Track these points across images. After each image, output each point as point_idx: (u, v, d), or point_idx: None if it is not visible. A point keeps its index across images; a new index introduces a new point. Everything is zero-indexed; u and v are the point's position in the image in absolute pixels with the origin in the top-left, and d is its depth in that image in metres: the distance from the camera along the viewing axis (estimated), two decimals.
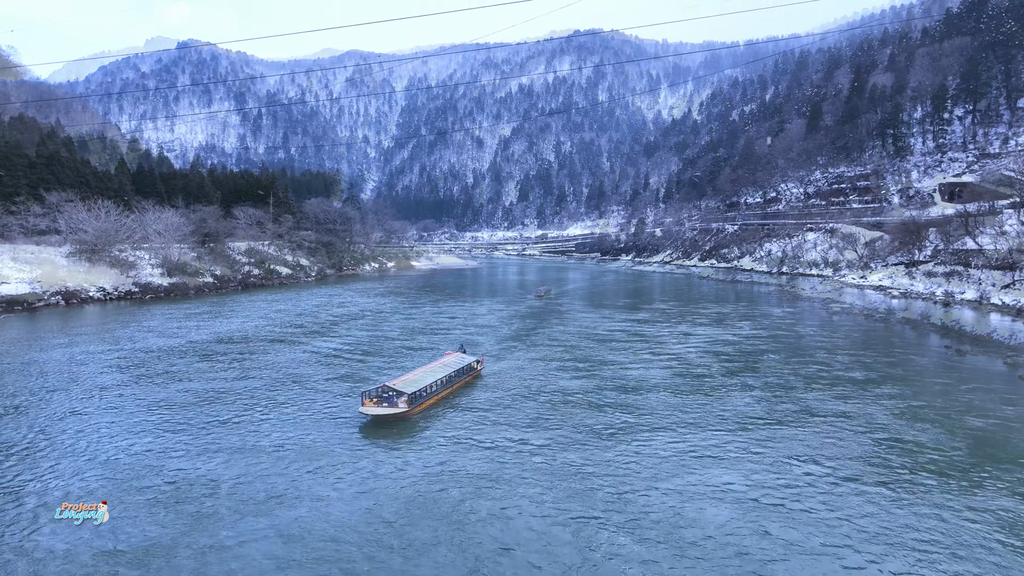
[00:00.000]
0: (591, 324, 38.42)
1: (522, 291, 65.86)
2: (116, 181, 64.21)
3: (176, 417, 18.00)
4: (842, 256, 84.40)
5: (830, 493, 12.81)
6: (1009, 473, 13.93)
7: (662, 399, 20.36)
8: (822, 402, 19.90)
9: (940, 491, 12.96)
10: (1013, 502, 12.41)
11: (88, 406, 19.13)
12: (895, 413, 18.60)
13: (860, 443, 15.93)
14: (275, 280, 64.26)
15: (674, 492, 12.85)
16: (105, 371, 23.91)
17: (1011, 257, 45.39)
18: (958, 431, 16.93)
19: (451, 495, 12.51)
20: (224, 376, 23.37)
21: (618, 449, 15.44)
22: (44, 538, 10.59)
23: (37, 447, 15.46)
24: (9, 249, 45.47)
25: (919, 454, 15.15)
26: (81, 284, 43.64)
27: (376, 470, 13.89)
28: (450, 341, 29.73)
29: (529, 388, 21.56)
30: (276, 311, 43.93)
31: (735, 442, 15.98)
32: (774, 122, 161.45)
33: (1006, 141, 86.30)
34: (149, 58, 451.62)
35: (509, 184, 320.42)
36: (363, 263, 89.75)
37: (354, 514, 11.67)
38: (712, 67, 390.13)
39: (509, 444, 15.65)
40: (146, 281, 48.54)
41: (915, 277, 59.06)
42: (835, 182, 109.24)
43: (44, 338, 31.50)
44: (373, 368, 25.12)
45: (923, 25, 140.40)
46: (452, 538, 10.82)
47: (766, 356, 27.93)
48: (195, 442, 15.74)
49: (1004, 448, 15.70)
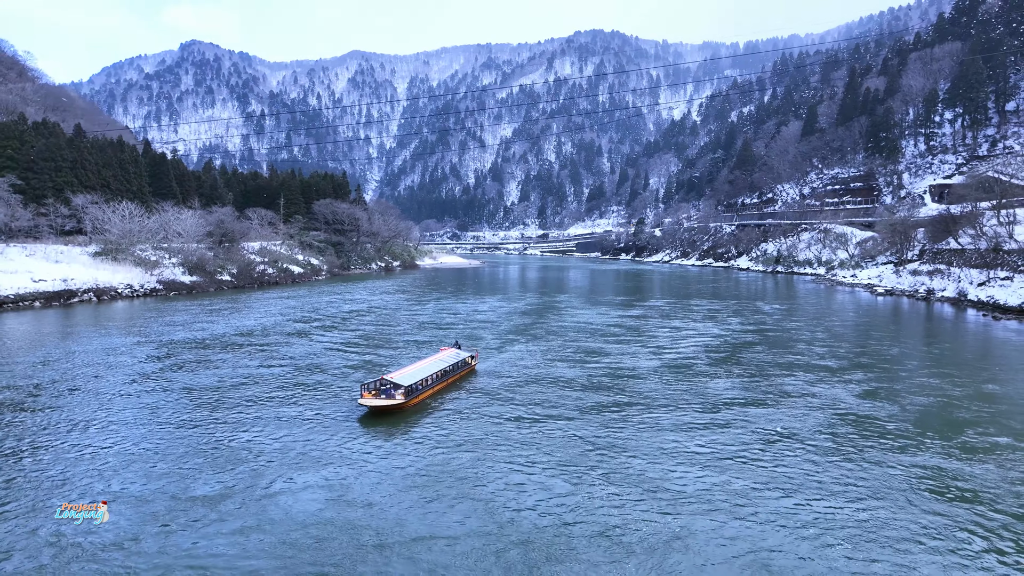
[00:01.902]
0: (589, 319, 41.03)
1: (523, 289, 68.48)
2: (135, 183, 66.88)
3: (205, 398, 20.56)
4: (835, 255, 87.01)
5: (782, 452, 15.43)
6: (940, 437, 16.53)
7: (650, 383, 22.97)
8: (794, 385, 22.51)
9: (877, 450, 15.57)
10: (936, 459, 15.02)
11: (133, 389, 21.70)
12: (855, 394, 21.22)
13: (816, 416, 18.55)
14: (289, 279, 67.12)
15: (654, 452, 15.49)
16: (144, 360, 26.46)
17: (987, 256, 47.99)
18: (907, 407, 19.55)
19: (447, 467, 14.37)
20: (247, 364, 25.66)
21: (606, 423, 18.07)
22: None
23: (95, 421, 18.12)
24: (41, 249, 48.27)
25: (865, 423, 17.77)
26: (110, 281, 46.41)
27: (376, 452, 15.41)
28: (454, 336, 31.52)
29: (521, 380, 23.11)
30: (291, 307, 46.56)
31: (713, 416, 18.63)
32: (772, 124, 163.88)
33: (994, 144, 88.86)
34: (152, 59, 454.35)
35: (510, 184, 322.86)
36: (370, 262, 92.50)
37: (355, 487, 13.77)
38: (712, 68, 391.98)
39: (496, 428, 17.45)
40: (170, 279, 51.39)
41: (902, 275, 61.64)
42: (830, 183, 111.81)
43: (84, 331, 34.14)
44: (385, 358, 27.30)
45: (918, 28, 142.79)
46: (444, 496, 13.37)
47: (751, 347, 30.55)
48: (223, 420, 18.20)
49: (941, 419, 18.33)
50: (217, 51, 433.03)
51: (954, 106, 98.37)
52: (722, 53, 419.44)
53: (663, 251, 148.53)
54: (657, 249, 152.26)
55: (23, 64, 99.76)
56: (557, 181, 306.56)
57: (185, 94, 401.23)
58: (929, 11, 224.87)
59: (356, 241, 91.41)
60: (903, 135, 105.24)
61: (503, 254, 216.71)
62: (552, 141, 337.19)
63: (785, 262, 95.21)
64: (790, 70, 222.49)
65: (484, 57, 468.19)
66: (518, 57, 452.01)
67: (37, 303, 41.03)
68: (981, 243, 50.66)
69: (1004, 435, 16.73)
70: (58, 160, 58.84)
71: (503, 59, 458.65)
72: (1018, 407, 19.89)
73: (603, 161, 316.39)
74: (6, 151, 56.51)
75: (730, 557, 10.39)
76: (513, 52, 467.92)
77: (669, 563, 10.18)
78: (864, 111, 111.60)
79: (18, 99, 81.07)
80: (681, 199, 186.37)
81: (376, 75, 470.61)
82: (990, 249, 48.31)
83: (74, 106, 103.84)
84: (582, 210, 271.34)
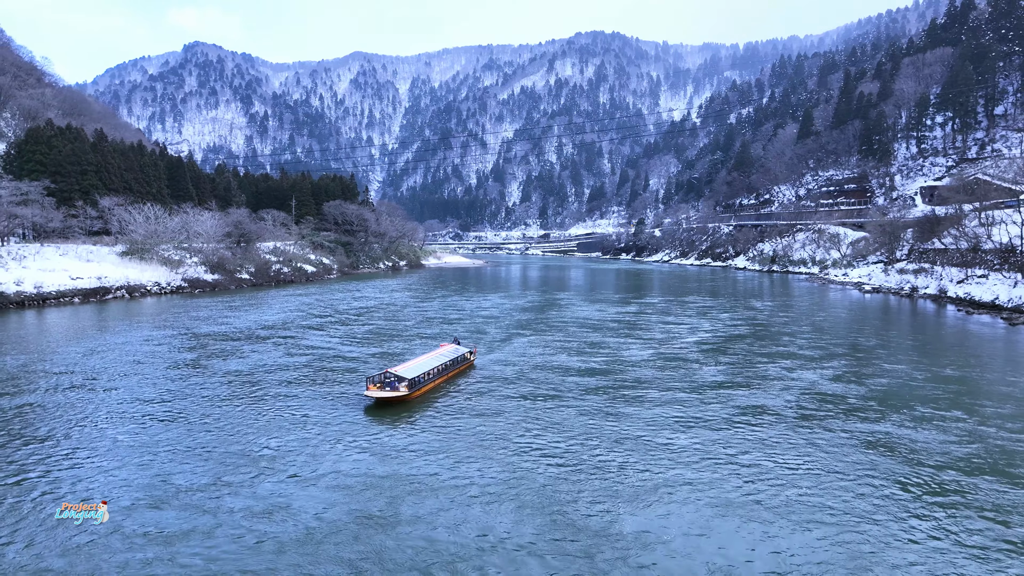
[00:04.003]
0: (588, 315, 43.83)
1: (525, 287, 71.29)
2: (155, 186, 69.77)
3: (232, 386, 23.29)
4: (828, 255, 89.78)
5: (754, 420, 18.23)
6: (894, 411, 19.31)
7: (644, 370, 25.78)
8: (774, 371, 25.30)
9: (836, 419, 18.36)
10: (888, 426, 17.78)
11: (174, 374, 24.45)
12: (827, 377, 24.00)
13: (788, 395, 21.35)
14: (303, 277, 70.15)
15: (644, 422, 18.29)
16: (180, 350, 29.22)
17: (967, 256, 50.81)
18: (872, 387, 22.35)
19: (447, 452, 16.01)
20: (273, 353, 28.13)
21: (599, 405, 20.89)
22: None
23: (144, 398, 20.94)
24: (73, 248, 51.21)
25: (831, 399, 20.56)
26: (140, 279, 49.36)
27: (382, 437, 16.96)
28: (456, 333, 33.32)
29: (519, 373, 24.84)
30: (307, 303, 49.39)
31: (699, 396, 21.46)
32: (769, 126, 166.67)
33: (983, 147, 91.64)
34: (156, 60, 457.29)
35: (512, 185, 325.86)
36: (378, 261, 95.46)
37: (362, 469, 16.07)
38: (712, 69, 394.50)
39: (493, 414, 19.32)
40: (194, 277, 54.39)
41: (890, 274, 64.43)
42: (824, 185, 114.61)
43: (123, 324, 36.96)
44: (398, 350, 29.62)
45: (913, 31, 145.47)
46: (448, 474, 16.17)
47: (741, 339, 33.36)
48: (241, 409, 20.23)
49: (898, 397, 21.12)
50: (220, 52, 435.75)
51: (945, 110, 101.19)
52: (722, 54, 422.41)
53: (663, 251, 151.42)
54: (657, 249, 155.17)
55: (41, 70, 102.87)
56: (558, 182, 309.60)
57: (189, 95, 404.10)
58: (926, 13, 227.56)
59: (364, 241, 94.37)
60: (895, 138, 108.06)
61: (505, 254, 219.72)
62: (553, 142, 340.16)
63: (781, 261, 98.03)
64: (788, 72, 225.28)
65: (485, 58, 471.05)
66: (519, 58, 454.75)
67: (76, 299, 43.99)
68: (962, 243, 53.45)
69: (952, 409, 19.46)
70: (83, 164, 61.73)
71: (504, 60, 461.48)
72: (968, 387, 22.65)
73: (604, 162, 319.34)
74: (35, 156, 59.42)
75: (697, 492, 13.22)
76: (514, 53, 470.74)
77: (653, 498, 13.00)
78: (858, 115, 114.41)
79: (39, 104, 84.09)
80: (680, 200, 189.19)
81: (378, 76, 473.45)
82: (970, 249, 51.12)
83: (90, 109, 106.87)
84: (583, 211, 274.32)
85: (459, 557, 10.42)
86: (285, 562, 10.21)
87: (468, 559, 10.37)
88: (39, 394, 20.87)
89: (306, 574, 9.86)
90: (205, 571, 10.02)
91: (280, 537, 11.01)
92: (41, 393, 20.99)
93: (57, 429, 17.14)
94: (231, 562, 10.26)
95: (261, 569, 10.04)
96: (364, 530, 11.31)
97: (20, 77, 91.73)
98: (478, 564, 10.21)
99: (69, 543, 10.72)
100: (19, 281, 40.93)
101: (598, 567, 10.13)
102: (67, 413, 18.74)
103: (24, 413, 18.67)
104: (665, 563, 10.27)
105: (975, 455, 15.29)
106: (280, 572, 9.93)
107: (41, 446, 15.76)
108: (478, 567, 10.12)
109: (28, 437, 16.41)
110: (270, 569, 10.02)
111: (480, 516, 11.98)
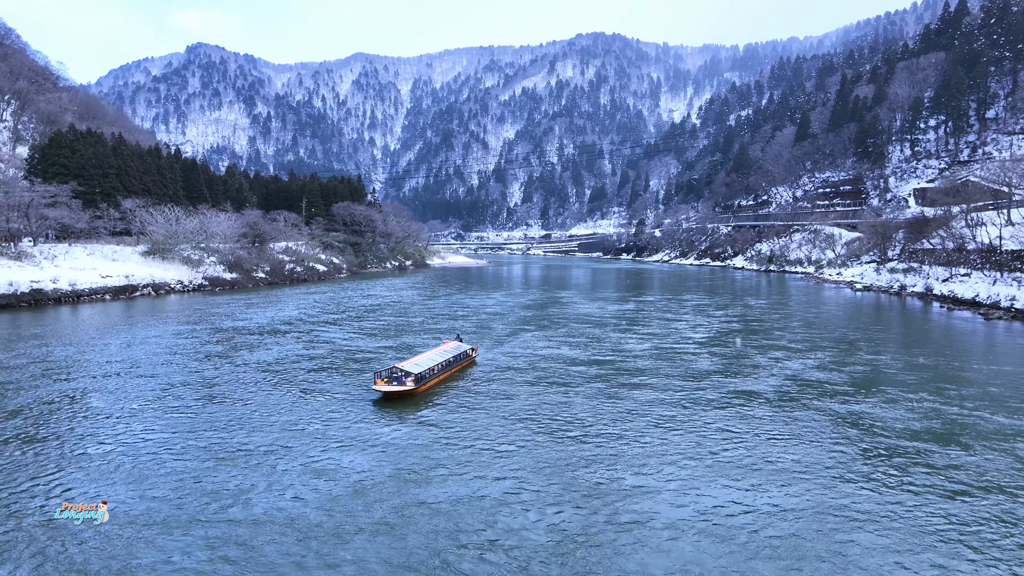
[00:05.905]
0: (588, 312, 46.19)
1: (527, 286, 73.69)
2: (171, 188, 72.18)
3: (250, 377, 25.68)
4: (823, 255, 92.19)
5: (740, 401, 20.61)
6: (867, 394, 21.66)
7: (642, 361, 28.14)
8: (762, 361, 27.67)
9: (814, 399, 20.74)
10: (861, 406, 20.14)
11: (199, 366, 26.82)
12: (810, 366, 26.36)
13: (773, 380, 23.72)
14: (315, 276, 72.65)
15: (640, 403, 20.66)
16: (207, 343, 31.46)
17: (952, 255, 53.20)
18: (849, 374, 24.72)
19: (453, 442, 18.94)
20: (290, 347, 30.15)
21: (599, 392, 23.27)
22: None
23: (173, 383, 23.29)
24: (99, 248, 53.69)
25: (811, 384, 22.93)
26: (163, 277, 51.82)
27: (394, 426, 18.48)
28: (460, 330, 34.55)
29: (519, 368, 26.25)
30: (321, 301, 51.69)
31: (695, 384, 23.84)
32: (768, 128, 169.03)
33: (975, 149, 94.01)
34: (159, 61, 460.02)
35: (513, 185, 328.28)
36: (384, 261, 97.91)
37: (374, 457, 19.23)
38: (712, 70, 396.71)
39: (495, 407, 20.97)
40: (213, 275, 56.86)
41: (881, 273, 66.83)
42: (821, 186, 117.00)
43: (152, 320, 39.28)
44: (408, 344, 31.54)
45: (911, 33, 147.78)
46: (456, 461, 18.56)
47: (734, 334, 35.74)
48: (255, 400, 22.97)
49: (872, 382, 23.49)
50: (223, 53, 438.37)
51: (938, 113, 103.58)
52: (722, 56, 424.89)
53: (663, 251, 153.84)
54: (657, 249, 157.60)
55: (56, 75, 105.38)
56: (559, 182, 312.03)
57: (192, 96, 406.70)
58: (924, 15, 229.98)
59: (372, 241, 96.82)
60: (890, 141, 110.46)
61: (507, 254, 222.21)
62: (554, 143, 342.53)
63: (777, 261, 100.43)
64: (787, 75, 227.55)
65: (487, 59, 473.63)
66: (520, 59, 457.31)
67: (107, 296, 46.41)
68: (949, 243, 55.82)
69: (919, 392, 21.81)
70: (105, 167, 64.14)
71: (505, 61, 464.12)
72: (937, 374, 25.00)
73: (604, 163, 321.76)
74: (59, 159, 61.81)
75: (688, 458, 15.60)
76: (515, 55, 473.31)
77: (652, 461, 15.38)
78: (853, 118, 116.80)
79: (56, 108, 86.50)
80: (680, 201, 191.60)
81: (380, 77, 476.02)
82: (955, 249, 53.50)
83: (104, 112, 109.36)
84: (584, 211, 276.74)
85: (493, 503, 12.82)
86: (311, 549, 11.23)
87: (498, 508, 12.76)
88: (87, 380, 22.94)
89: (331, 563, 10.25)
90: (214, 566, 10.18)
91: (302, 521, 13.36)
92: (88, 380, 23.02)
93: (112, 411, 19.49)
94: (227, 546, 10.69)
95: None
96: (404, 485, 13.69)
97: (37, 82, 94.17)
98: (507, 506, 12.60)
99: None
100: (55, 279, 43.32)
101: (608, 505, 12.52)
102: (115, 398, 20.59)
103: (76, 399, 20.44)
104: (661, 509, 12.64)
105: (933, 428, 17.66)
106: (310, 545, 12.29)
107: (99, 425, 18.13)
108: (507, 506, 12.52)
109: (85, 414, 18.78)
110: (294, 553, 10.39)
111: (503, 472, 14.37)
